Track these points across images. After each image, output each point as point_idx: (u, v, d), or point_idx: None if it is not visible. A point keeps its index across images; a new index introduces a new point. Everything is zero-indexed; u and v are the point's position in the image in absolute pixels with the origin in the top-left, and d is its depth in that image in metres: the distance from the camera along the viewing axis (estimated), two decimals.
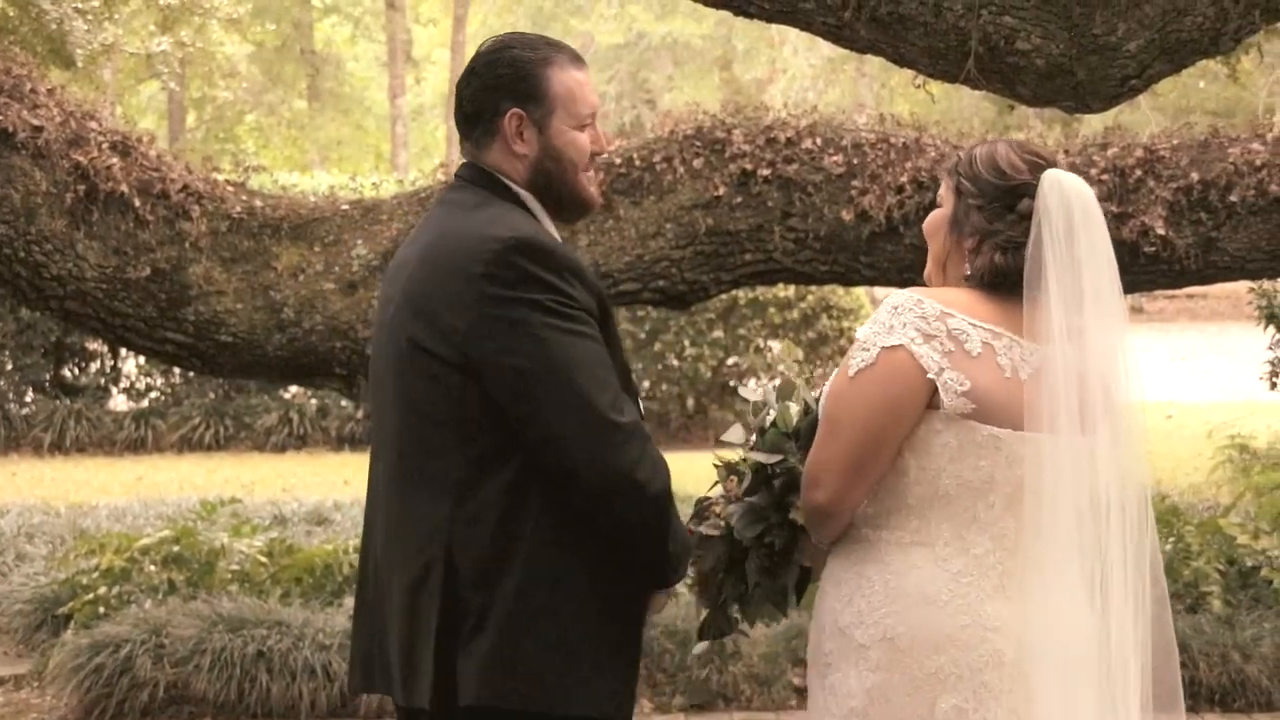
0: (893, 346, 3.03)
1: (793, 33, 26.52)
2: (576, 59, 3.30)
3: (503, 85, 3.23)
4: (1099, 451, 3.08)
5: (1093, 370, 3.09)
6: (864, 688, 3.06)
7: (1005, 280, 3.12)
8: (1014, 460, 3.05)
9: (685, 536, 3.20)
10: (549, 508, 3.05)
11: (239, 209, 7.22)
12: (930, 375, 3.03)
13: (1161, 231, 7.19)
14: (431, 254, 3.15)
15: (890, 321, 3.06)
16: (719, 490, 3.38)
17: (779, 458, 3.27)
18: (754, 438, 3.35)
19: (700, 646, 3.48)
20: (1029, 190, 3.13)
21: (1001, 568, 3.07)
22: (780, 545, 3.27)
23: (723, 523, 3.30)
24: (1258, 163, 7.21)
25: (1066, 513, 3.05)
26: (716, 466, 3.40)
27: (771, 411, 3.35)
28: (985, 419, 3.04)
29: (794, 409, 3.34)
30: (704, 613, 3.40)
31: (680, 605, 6.78)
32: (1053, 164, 3.17)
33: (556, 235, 3.27)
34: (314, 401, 16.17)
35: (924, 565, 3.07)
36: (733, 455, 3.38)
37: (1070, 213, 3.10)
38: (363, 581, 3.30)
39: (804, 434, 3.27)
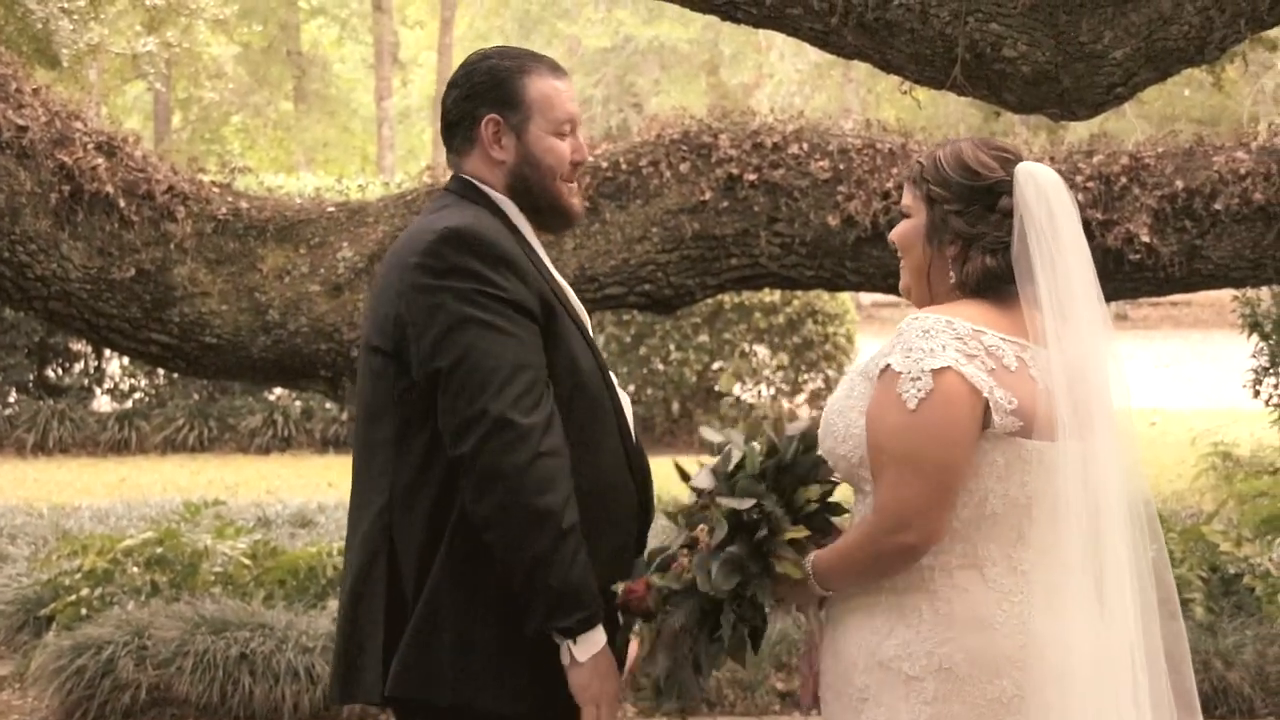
0: (940, 369, 2.94)
1: (779, 38, 26.56)
2: (556, 69, 3.33)
3: (479, 92, 3.27)
4: (1101, 455, 3.04)
5: (1092, 368, 3.06)
6: None
7: (998, 283, 3.07)
8: (1051, 472, 3.00)
9: (579, 581, 3.05)
10: None
11: (224, 210, 7.21)
12: (984, 394, 2.96)
13: (1146, 239, 7.20)
14: (388, 254, 3.25)
15: (927, 345, 2.96)
16: (677, 538, 3.16)
17: (752, 502, 3.08)
18: (717, 484, 3.16)
19: (669, 706, 3.30)
20: (1005, 187, 3.07)
21: (1045, 581, 3.00)
22: (761, 597, 3.08)
23: (690, 576, 3.08)
24: (1242, 171, 7.22)
25: (1085, 520, 3.01)
26: (672, 515, 3.20)
27: (735, 453, 3.16)
28: (1028, 434, 2.99)
29: (757, 448, 3.16)
30: (663, 667, 3.14)
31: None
32: (1020, 157, 3.12)
33: (537, 245, 3.28)
34: (298, 403, 16.14)
35: (973, 588, 2.99)
36: (687, 498, 3.20)
37: (1050, 204, 3.06)
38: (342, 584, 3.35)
39: (769, 476, 3.13)
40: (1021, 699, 2.96)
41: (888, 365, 2.99)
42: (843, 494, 3.21)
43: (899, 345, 3.00)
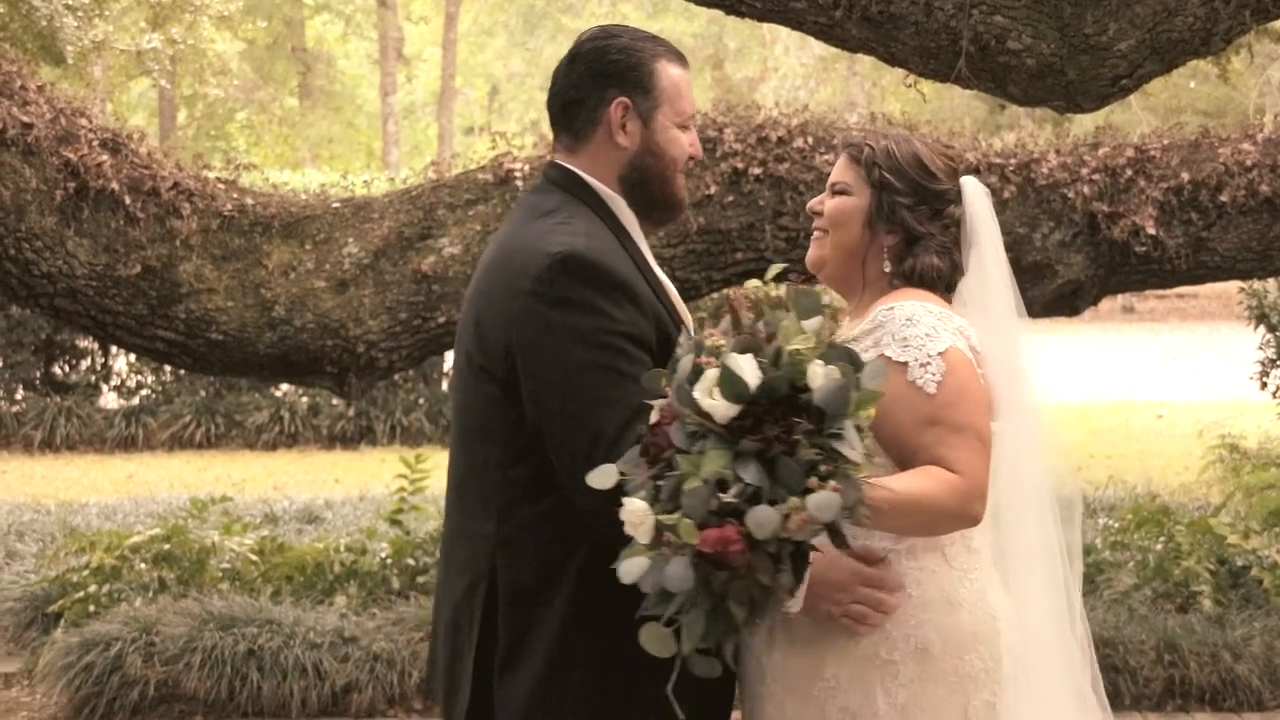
0: (945, 350, 3.03)
1: (784, 32, 26.53)
2: (681, 58, 3.21)
3: (612, 72, 3.11)
4: (1030, 438, 3.16)
5: (1021, 358, 3.19)
6: (897, 704, 3.01)
7: (939, 283, 3.17)
8: (997, 451, 3.09)
9: None
10: None
11: (230, 207, 7.21)
12: (979, 370, 3.07)
13: (1152, 231, 7.20)
14: (493, 264, 3.08)
15: (920, 330, 3.03)
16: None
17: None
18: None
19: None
20: (954, 196, 3.21)
21: (989, 557, 3.11)
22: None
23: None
24: (1248, 163, 7.22)
25: (1025, 499, 3.14)
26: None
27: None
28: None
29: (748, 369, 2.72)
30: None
31: None
32: (961, 167, 3.26)
33: (641, 241, 3.16)
34: (305, 400, 16.15)
35: (939, 569, 3.06)
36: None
37: (990, 215, 3.22)
38: (438, 584, 3.27)
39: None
40: (987, 673, 3.04)
41: (883, 356, 3.02)
42: None
43: (886, 336, 3.04)
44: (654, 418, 2.78)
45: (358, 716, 6.89)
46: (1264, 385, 13.07)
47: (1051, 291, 7.35)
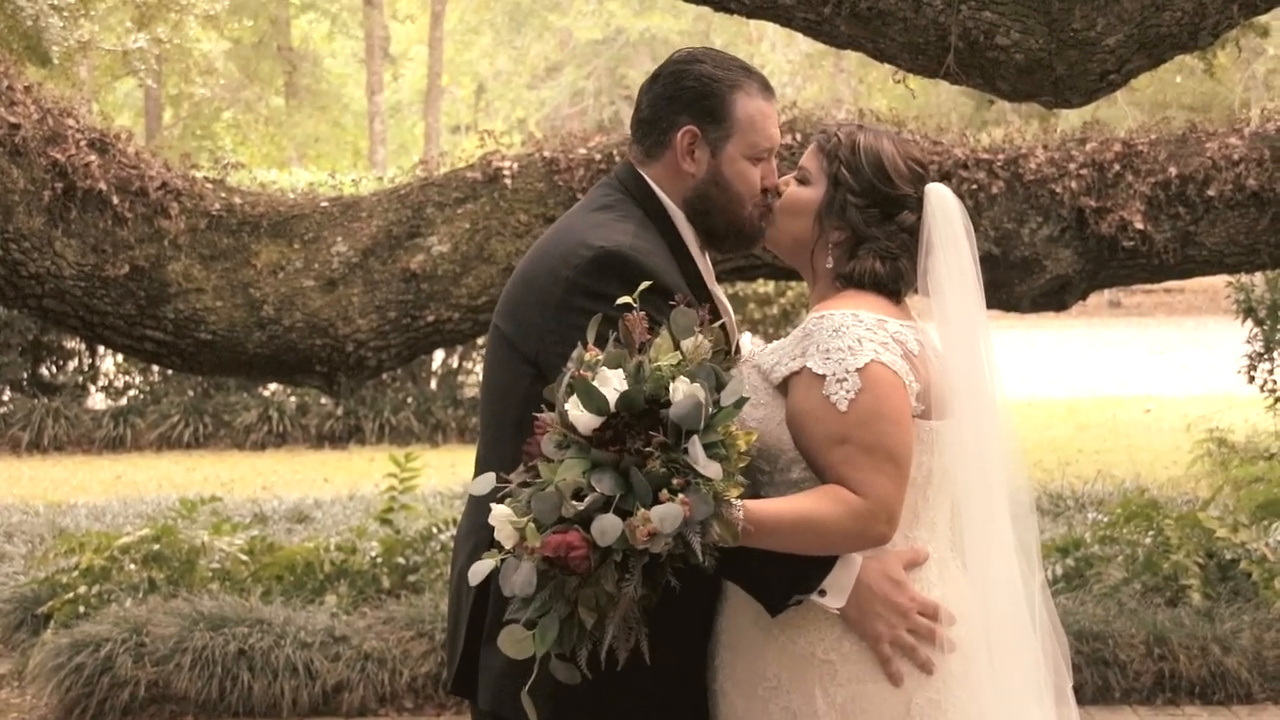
0: (864, 366, 2.98)
1: (770, 28, 26.55)
2: (766, 89, 3.22)
3: (684, 98, 3.16)
4: (988, 436, 3.12)
5: (978, 358, 3.14)
6: (836, 704, 2.99)
7: (883, 288, 3.12)
8: (943, 450, 3.07)
9: (769, 565, 2.91)
10: None
11: (218, 206, 7.20)
12: (906, 381, 3.01)
13: (1140, 226, 7.21)
14: (542, 247, 3.15)
15: (843, 343, 2.99)
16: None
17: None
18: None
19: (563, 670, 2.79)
20: (910, 203, 3.14)
21: (937, 555, 3.08)
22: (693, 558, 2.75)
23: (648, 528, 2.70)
24: (1235, 157, 7.24)
25: (984, 497, 3.11)
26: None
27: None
28: (925, 415, 3.06)
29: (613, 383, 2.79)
30: (610, 640, 2.79)
31: None
32: (929, 175, 3.19)
33: (698, 256, 3.19)
34: (293, 399, 16.13)
35: None
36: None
37: (954, 226, 3.14)
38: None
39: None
40: (931, 671, 3.01)
41: (804, 368, 3.00)
42: None
43: (812, 347, 3.01)
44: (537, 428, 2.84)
45: (349, 716, 6.88)
46: (1251, 379, 13.09)
47: (1039, 286, 7.36)
